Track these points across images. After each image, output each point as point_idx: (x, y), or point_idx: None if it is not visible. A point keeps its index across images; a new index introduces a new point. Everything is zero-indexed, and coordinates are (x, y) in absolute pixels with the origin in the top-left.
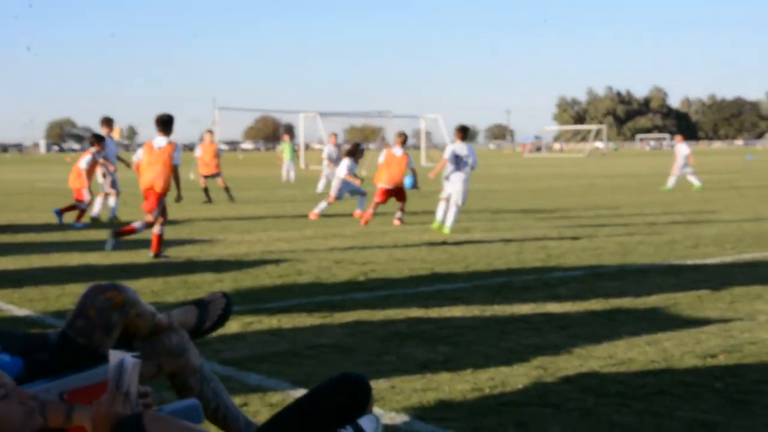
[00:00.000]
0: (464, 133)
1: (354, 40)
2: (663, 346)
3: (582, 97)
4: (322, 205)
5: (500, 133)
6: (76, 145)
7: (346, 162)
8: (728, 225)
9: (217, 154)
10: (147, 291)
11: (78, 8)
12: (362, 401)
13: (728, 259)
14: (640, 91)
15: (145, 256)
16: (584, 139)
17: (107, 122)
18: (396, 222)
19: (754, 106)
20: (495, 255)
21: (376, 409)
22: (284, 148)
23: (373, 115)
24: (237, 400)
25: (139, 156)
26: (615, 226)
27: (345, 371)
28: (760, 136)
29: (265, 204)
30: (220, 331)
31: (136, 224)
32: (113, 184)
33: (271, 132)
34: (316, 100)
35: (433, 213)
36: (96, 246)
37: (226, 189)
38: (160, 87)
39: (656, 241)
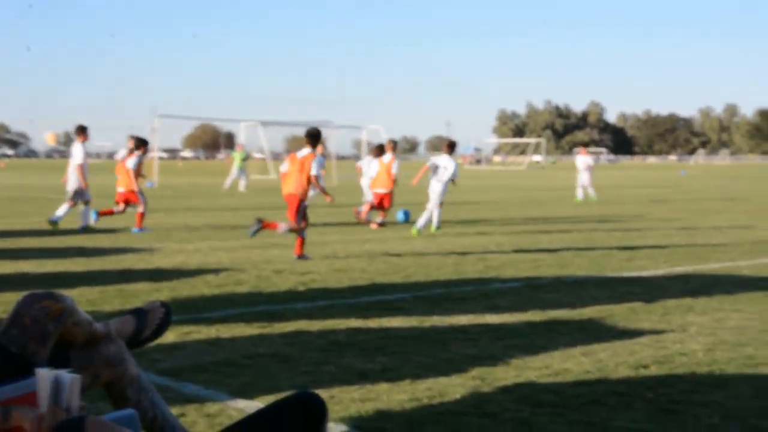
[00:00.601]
0: (452, 148)
1: (296, 48)
2: (598, 356)
3: (521, 110)
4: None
5: (441, 144)
6: (9, 151)
7: (375, 163)
8: (662, 238)
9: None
10: (82, 300)
11: (14, 15)
12: (317, 421)
13: (661, 271)
14: (578, 106)
15: (80, 263)
16: (523, 152)
17: (82, 130)
18: (374, 225)
19: (687, 122)
20: (434, 266)
21: None
22: (236, 156)
23: (316, 125)
24: (174, 411)
25: (284, 168)
26: (553, 237)
27: (300, 390)
28: (692, 151)
29: (204, 213)
30: (157, 341)
31: (281, 226)
32: (81, 193)
33: (211, 140)
34: (258, 109)
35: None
36: (29, 254)
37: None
38: (97, 93)
39: (592, 253)
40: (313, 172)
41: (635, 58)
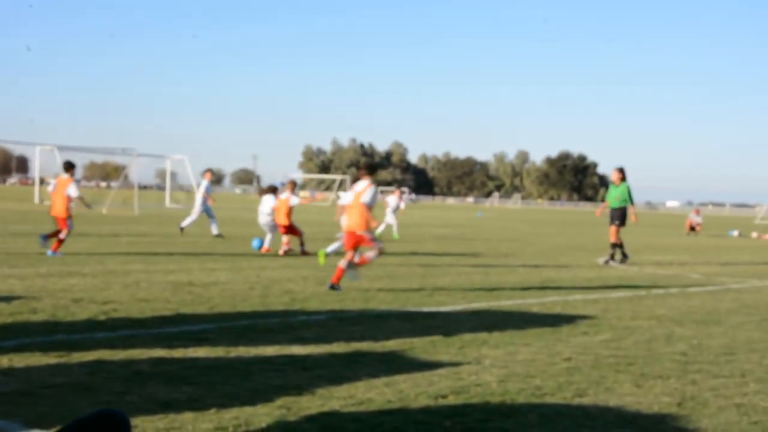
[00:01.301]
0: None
1: (96, 71)
2: (399, 387)
3: (327, 147)
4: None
5: (247, 177)
6: None
7: (270, 199)
8: (460, 276)
9: None
10: None
11: None
12: None
13: (459, 307)
14: (382, 145)
15: None
16: (329, 188)
17: None
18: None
19: (484, 166)
20: (240, 297)
21: None
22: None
23: (117, 152)
24: None
25: (346, 200)
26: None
27: (103, 407)
28: (488, 194)
29: None
30: None
31: (368, 255)
32: None
33: (2, 163)
34: (53, 134)
35: (177, 255)
36: None
37: None
38: None
39: (395, 288)
40: (369, 202)
41: (435, 101)
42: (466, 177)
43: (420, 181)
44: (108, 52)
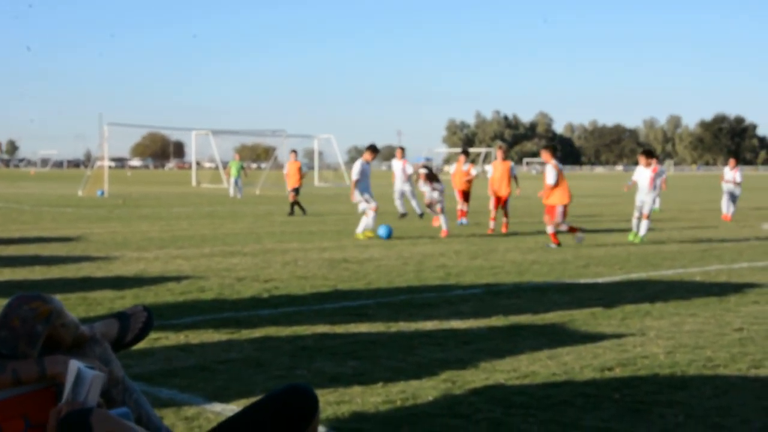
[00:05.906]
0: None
1: (246, 56)
2: (563, 359)
3: (471, 120)
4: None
5: (391, 153)
6: None
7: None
8: (615, 246)
9: None
10: None
11: None
12: (309, 412)
13: (617, 278)
14: (526, 116)
15: (39, 272)
16: (473, 162)
17: (372, 150)
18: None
19: (633, 133)
20: (395, 273)
21: None
22: (232, 165)
23: (267, 134)
24: None
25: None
26: (508, 245)
27: (292, 382)
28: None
29: (159, 221)
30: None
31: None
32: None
33: (160, 149)
34: (205, 118)
35: (329, 232)
36: None
37: None
38: (42, 102)
39: (549, 260)
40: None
41: (581, 69)
42: (615, 145)
43: (566, 151)
44: (269, 43)
